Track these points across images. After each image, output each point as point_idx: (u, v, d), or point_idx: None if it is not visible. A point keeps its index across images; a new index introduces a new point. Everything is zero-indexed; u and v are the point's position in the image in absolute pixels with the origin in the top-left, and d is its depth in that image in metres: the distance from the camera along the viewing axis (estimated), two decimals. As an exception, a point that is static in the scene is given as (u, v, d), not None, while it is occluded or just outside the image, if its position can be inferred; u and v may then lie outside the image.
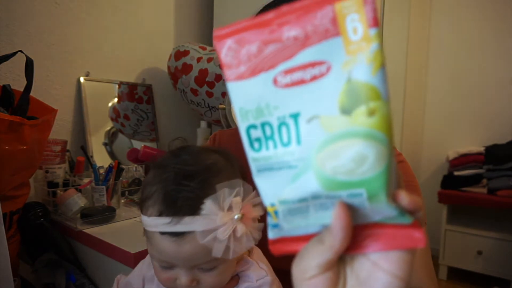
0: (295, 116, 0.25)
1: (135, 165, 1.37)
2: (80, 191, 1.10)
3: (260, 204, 0.46)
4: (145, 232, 0.49)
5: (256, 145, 0.27)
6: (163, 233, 0.45)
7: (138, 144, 1.56)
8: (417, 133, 2.71)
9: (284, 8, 0.23)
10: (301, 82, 0.24)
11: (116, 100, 1.54)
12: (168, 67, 1.56)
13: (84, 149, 1.29)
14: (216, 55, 1.44)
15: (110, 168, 1.14)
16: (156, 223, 0.45)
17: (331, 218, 0.25)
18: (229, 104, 1.31)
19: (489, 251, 2.23)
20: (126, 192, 1.26)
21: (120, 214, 1.10)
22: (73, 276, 0.98)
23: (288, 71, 0.24)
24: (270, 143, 0.26)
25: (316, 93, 0.24)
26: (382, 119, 0.23)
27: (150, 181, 0.48)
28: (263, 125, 0.26)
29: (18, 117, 0.87)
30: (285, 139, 0.25)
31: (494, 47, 2.54)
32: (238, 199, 0.44)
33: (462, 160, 2.45)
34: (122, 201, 1.22)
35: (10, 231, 0.95)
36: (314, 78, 0.23)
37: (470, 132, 2.65)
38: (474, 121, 2.64)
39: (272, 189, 0.27)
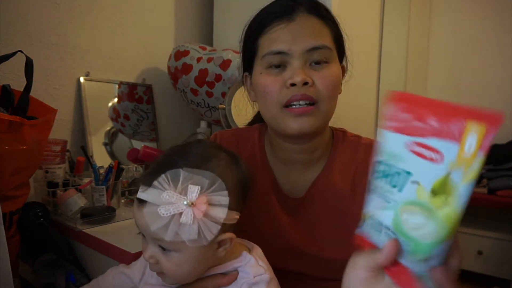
0: (408, 173, 0.35)
1: (135, 165, 1.37)
2: (80, 191, 1.10)
3: (223, 207, 0.46)
4: None
5: (379, 174, 0.38)
6: (137, 199, 0.50)
7: (138, 144, 1.56)
8: (417, 133, 2.71)
9: (438, 104, 0.33)
10: (422, 155, 0.33)
11: (116, 100, 1.54)
12: (168, 67, 1.55)
13: (84, 149, 1.29)
14: (216, 55, 1.44)
15: (110, 168, 1.14)
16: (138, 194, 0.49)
17: (386, 245, 0.36)
18: (229, 104, 1.31)
19: (489, 251, 2.23)
20: (126, 192, 1.25)
21: (120, 214, 1.10)
22: (73, 276, 0.98)
23: (418, 144, 0.34)
24: (386, 179, 0.37)
25: (426, 169, 0.33)
26: (450, 213, 0.31)
27: (160, 158, 0.54)
28: (388, 165, 0.37)
29: (18, 117, 0.87)
30: (394, 182, 0.36)
31: (494, 47, 2.54)
32: (196, 187, 0.45)
33: (462, 160, 2.45)
34: (122, 201, 1.22)
35: (10, 231, 0.95)
36: (430, 159, 0.33)
37: (470, 132, 2.65)
38: (474, 121, 2.63)
39: (371, 205, 0.40)
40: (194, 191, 0.45)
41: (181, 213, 0.44)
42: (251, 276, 0.53)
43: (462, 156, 0.30)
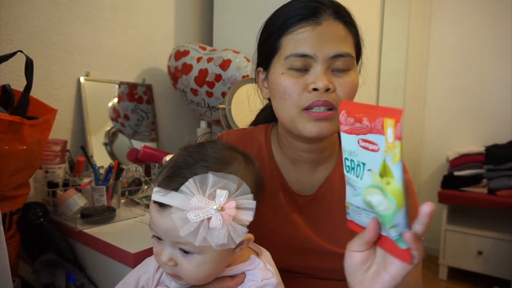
0: (363, 164, 0.44)
1: (135, 165, 1.37)
2: (80, 191, 1.10)
3: (250, 211, 0.47)
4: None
5: (347, 168, 0.47)
6: (154, 202, 0.49)
7: (138, 144, 1.56)
8: (417, 133, 2.71)
9: (367, 107, 0.42)
10: (367, 148, 0.43)
11: (116, 100, 1.54)
12: (168, 67, 1.56)
13: (84, 149, 1.29)
14: (216, 55, 1.44)
15: (110, 168, 1.14)
16: (154, 193, 0.49)
17: (369, 223, 0.45)
18: (229, 104, 1.31)
19: (489, 251, 2.23)
20: (126, 192, 1.26)
21: (120, 214, 1.10)
22: (73, 276, 0.98)
23: (364, 140, 0.43)
24: (352, 171, 0.46)
25: (372, 158, 0.42)
26: (394, 188, 0.40)
27: (170, 159, 0.53)
28: (351, 160, 0.46)
29: (18, 117, 0.87)
30: (357, 173, 0.45)
31: (494, 47, 2.54)
32: (224, 192, 0.46)
33: (462, 160, 2.45)
34: (122, 201, 1.22)
35: (10, 231, 0.95)
36: (373, 150, 0.42)
37: (470, 132, 2.66)
38: (474, 121, 2.64)
39: (348, 195, 0.49)
40: (222, 195, 0.45)
41: (210, 218, 0.45)
42: (259, 279, 0.53)
43: (388, 144, 0.40)
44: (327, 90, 0.61)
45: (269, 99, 0.73)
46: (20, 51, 0.96)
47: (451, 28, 2.65)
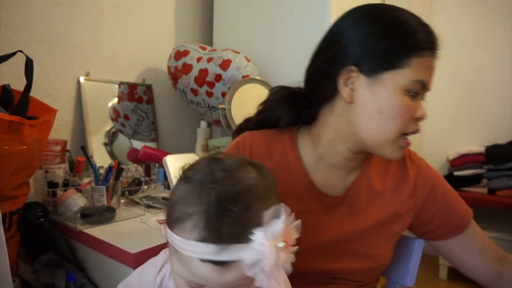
0: None
1: (135, 165, 1.37)
2: (80, 191, 1.10)
3: (297, 226, 0.44)
4: (175, 250, 0.45)
5: None
6: (204, 261, 0.41)
7: (138, 144, 1.56)
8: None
9: None
10: None
11: (116, 100, 1.54)
12: (168, 67, 1.55)
13: (84, 149, 1.29)
14: (216, 55, 1.44)
15: (110, 168, 1.14)
16: (197, 250, 0.41)
17: None
18: (229, 104, 1.31)
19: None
20: (126, 192, 1.26)
21: (120, 214, 1.10)
22: (73, 276, 0.98)
23: None
24: None
25: None
26: None
27: (184, 199, 0.44)
28: None
29: (18, 117, 0.87)
30: None
31: (494, 47, 2.54)
32: (283, 226, 0.41)
33: (462, 160, 2.45)
34: (122, 201, 1.22)
35: (10, 231, 0.95)
36: None
37: (470, 132, 2.65)
38: (474, 121, 2.64)
39: None
40: (282, 230, 0.41)
41: (278, 258, 0.41)
42: None
43: None
44: None
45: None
46: (20, 51, 0.96)
47: (451, 28, 2.65)
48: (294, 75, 0.75)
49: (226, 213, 0.42)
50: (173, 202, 0.46)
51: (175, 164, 1.18)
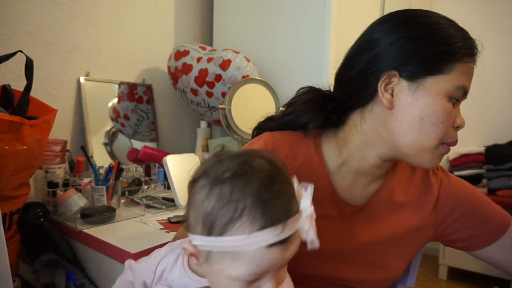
0: None
1: (135, 165, 1.37)
2: (80, 191, 1.10)
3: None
4: (228, 255, 0.44)
5: None
6: (271, 245, 0.43)
7: (138, 144, 1.56)
8: (417, 133, 2.71)
9: None
10: None
11: (116, 100, 1.54)
12: (168, 67, 1.56)
13: (84, 149, 1.29)
14: (216, 55, 1.44)
15: (110, 168, 1.14)
16: (263, 238, 0.42)
17: None
18: (229, 104, 1.31)
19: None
20: (126, 192, 1.26)
21: (120, 214, 1.10)
22: (73, 276, 0.98)
23: None
24: None
25: None
26: None
27: (227, 201, 0.44)
28: None
29: (18, 117, 0.87)
30: None
31: (493, 47, 2.53)
32: (311, 188, 0.48)
33: (462, 160, 2.45)
34: (122, 201, 1.22)
35: (10, 231, 0.95)
36: None
37: (470, 132, 2.65)
38: (474, 121, 2.64)
39: None
40: (308, 195, 0.47)
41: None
42: None
43: None
44: None
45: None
46: (20, 51, 0.96)
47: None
48: (294, 75, 0.75)
49: (273, 194, 0.44)
50: (214, 210, 0.44)
51: (175, 164, 1.18)
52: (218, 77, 1.42)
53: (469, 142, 2.61)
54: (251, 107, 1.36)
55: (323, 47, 1.40)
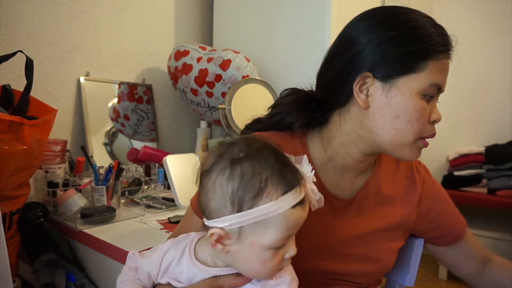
0: None
1: (135, 165, 1.37)
2: (80, 191, 1.10)
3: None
4: (259, 225, 0.49)
5: None
6: (294, 206, 0.49)
7: (138, 144, 1.56)
8: (417, 133, 2.71)
9: None
10: None
11: (116, 100, 1.54)
12: (168, 67, 1.56)
13: (84, 149, 1.29)
14: (216, 55, 1.44)
15: (110, 168, 1.14)
16: (288, 201, 0.49)
17: None
18: (229, 104, 1.31)
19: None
20: (126, 192, 1.26)
21: (120, 214, 1.10)
22: (73, 276, 0.98)
23: None
24: None
25: None
26: None
27: (252, 174, 0.49)
28: None
29: (18, 117, 0.87)
30: None
31: (494, 47, 2.54)
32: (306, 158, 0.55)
33: (462, 160, 2.45)
34: (122, 201, 1.22)
35: (10, 231, 0.95)
36: None
37: (470, 132, 2.66)
38: (474, 121, 2.64)
39: None
40: (307, 165, 0.54)
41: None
42: (273, 277, 0.54)
43: None
44: None
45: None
46: (20, 51, 0.96)
47: (450, 28, 2.64)
48: (294, 75, 0.75)
49: (283, 165, 0.51)
50: (240, 187, 0.49)
51: (175, 164, 1.18)
52: (218, 77, 1.42)
53: (469, 142, 2.61)
54: (251, 107, 1.35)
55: (323, 47, 1.40)
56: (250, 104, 1.35)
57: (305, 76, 0.72)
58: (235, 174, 0.49)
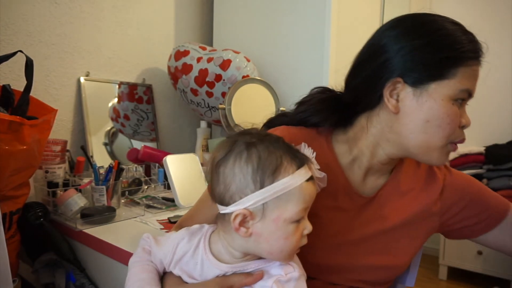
0: None
1: (135, 165, 1.37)
2: (80, 191, 1.10)
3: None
4: (281, 200, 0.53)
5: None
6: (307, 180, 0.54)
7: (138, 144, 1.56)
8: (417, 133, 2.71)
9: None
10: None
11: (116, 100, 1.54)
12: (168, 67, 1.56)
13: (84, 149, 1.29)
14: (216, 55, 1.44)
15: (110, 168, 1.14)
16: (302, 175, 0.54)
17: None
18: (229, 104, 1.31)
19: (489, 251, 2.23)
20: (126, 192, 1.26)
21: (120, 214, 1.10)
22: (73, 276, 0.98)
23: None
24: None
25: None
26: None
27: (269, 154, 0.53)
28: None
29: (18, 117, 0.87)
30: None
31: (494, 46, 2.52)
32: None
33: (462, 160, 2.45)
34: (122, 201, 1.22)
35: (10, 231, 0.95)
36: None
37: (470, 132, 2.65)
38: (474, 121, 2.62)
39: None
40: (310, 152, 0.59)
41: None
42: (283, 273, 0.55)
43: None
44: None
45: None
46: (20, 51, 0.96)
47: (451, 28, 2.65)
48: (294, 75, 0.75)
49: (289, 146, 0.57)
50: (260, 164, 0.53)
51: (175, 164, 1.18)
52: (218, 77, 1.42)
53: (469, 142, 2.60)
54: (251, 107, 1.36)
55: (323, 47, 1.40)
56: (250, 104, 1.36)
57: (305, 76, 0.72)
58: (253, 155, 0.53)
